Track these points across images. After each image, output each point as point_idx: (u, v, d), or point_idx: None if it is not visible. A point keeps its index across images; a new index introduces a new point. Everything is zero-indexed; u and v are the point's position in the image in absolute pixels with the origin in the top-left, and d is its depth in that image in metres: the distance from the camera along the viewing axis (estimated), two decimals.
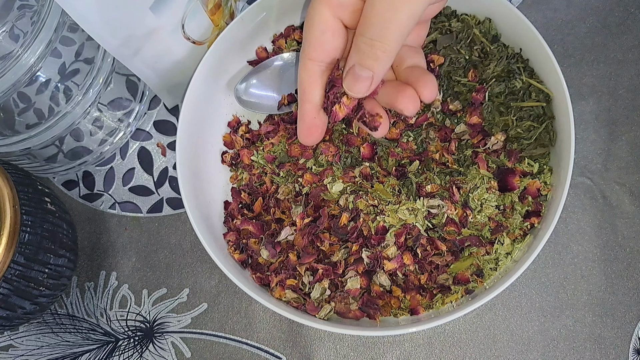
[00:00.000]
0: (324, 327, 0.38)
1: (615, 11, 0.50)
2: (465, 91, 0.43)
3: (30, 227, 0.39)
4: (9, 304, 0.40)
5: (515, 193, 0.41)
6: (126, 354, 0.48)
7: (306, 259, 0.41)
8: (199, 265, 0.49)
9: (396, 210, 0.41)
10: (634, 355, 0.44)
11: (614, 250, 0.46)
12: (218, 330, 0.47)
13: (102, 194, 0.52)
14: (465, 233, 0.41)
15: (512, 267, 0.39)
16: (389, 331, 0.38)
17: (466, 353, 0.45)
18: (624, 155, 0.47)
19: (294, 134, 0.46)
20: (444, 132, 0.43)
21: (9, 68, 0.39)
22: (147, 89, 0.53)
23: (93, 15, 0.37)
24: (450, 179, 0.42)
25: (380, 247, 0.40)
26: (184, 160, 0.43)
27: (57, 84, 0.51)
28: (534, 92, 0.41)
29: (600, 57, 0.49)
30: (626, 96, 0.48)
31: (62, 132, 0.45)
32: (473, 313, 0.46)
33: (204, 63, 0.44)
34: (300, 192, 0.44)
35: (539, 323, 0.45)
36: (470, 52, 0.43)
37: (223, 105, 0.48)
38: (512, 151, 0.41)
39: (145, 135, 0.53)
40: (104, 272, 0.50)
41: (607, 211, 0.46)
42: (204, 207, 0.44)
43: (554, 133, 0.41)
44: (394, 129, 0.43)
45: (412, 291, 0.40)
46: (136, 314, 0.49)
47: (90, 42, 0.50)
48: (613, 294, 0.45)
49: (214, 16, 0.46)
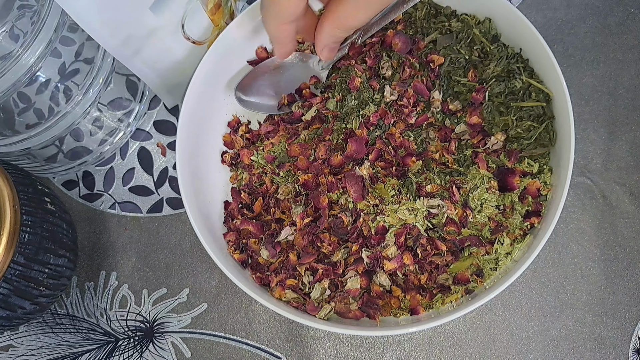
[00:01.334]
0: (324, 327, 0.38)
1: (615, 11, 0.50)
2: (465, 91, 0.43)
3: (30, 227, 0.39)
4: (9, 304, 0.40)
5: (515, 193, 0.41)
6: (126, 354, 0.48)
7: (306, 259, 0.41)
8: (199, 265, 0.49)
9: (396, 210, 0.41)
10: (634, 355, 0.44)
11: (614, 250, 0.46)
12: (218, 330, 0.47)
13: (102, 194, 0.52)
14: (465, 233, 0.41)
15: (512, 267, 0.39)
16: (389, 331, 0.38)
17: (466, 353, 0.45)
18: (624, 155, 0.47)
19: (294, 134, 0.46)
20: (444, 132, 0.43)
21: (9, 68, 0.39)
22: (147, 89, 0.53)
23: (93, 15, 0.37)
24: (450, 179, 0.42)
25: (380, 247, 0.40)
26: (184, 160, 0.43)
27: (57, 84, 0.51)
28: (534, 92, 0.41)
29: (600, 57, 0.49)
30: (626, 96, 0.48)
31: (62, 132, 0.45)
32: (473, 313, 0.46)
33: (204, 63, 0.44)
34: (300, 192, 0.44)
35: (539, 323, 0.45)
36: (470, 52, 0.43)
37: (223, 105, 0.48)
38: (512, 151, 0.41)
39: (145, 135, 0.53)
40: (104, 272, 0.50)
41: (607, 211, 0.46)
42: (203, 207, 0.44)
43: (554, 133, 0.41)
44: (393, 128, 0.43)
45: (412, 291, 0.40)
46: (136, 314, 0.49)
47: (90, 42, 0.50)
48: (613, 293, 0.45)
49: (214, 16, 0.46)
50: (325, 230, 0.42)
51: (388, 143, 0.43)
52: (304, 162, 0.44)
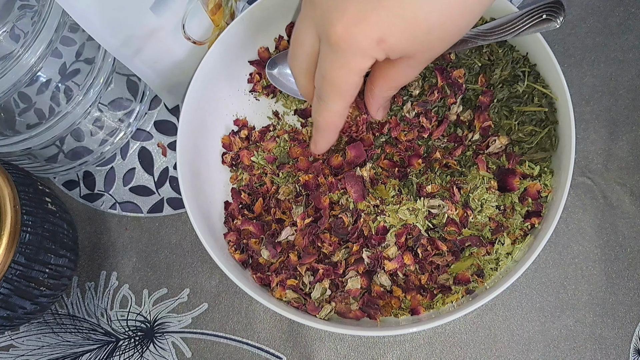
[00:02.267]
0: (325, 327, 0.38)
1: (615, 11, 0.50)
2: (474, 97, 0.43)
3: (30, 227, 0.39)
4: (9, 304, 0.40)
5: (516, 194, 0.41)
6: (127, 354, 0.48)
7: (307, 259, 0.41)
8: (200, 265, 0.49)
9: (397, 210, 0.41)
10: (635, 355, 0.44)
11: (614, 250, 0.46)
12: (218, 330, 0.47)
13: (102, 194, 0.52)
14: (465, 233, 0.41)
15: (512, 267, 0.39)
16: (390, 331, 0.38)
17: (467, 353, 0.45)
18: (625, 155, 0.47)
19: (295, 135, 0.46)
20: (453, 136, 0.43)
21: (10, 68, 0.39)
22: (147, 89, 0.53)
23: (93, 15, 0.37)
24: (450, 179, 0.42)
25: (381, 247, 0.40)
26: (184, 161, 0.43)
27: (58, 84, 0.51)
28: (537, 96, 0.41)
29: (600, 57, 0.49)
30: (627, 96, 0.48)
31: (63, 132, 0.45)
32: (474, 313, 0.46)
33: (205, 63, 0.44)
34: (301, 192, 0.44)
35: (539, 323, 0.45)
36: (480, 56, 0.43)
37: (224, 105, 0.48)
38: (511, 154, 0.41)
39: (146, 135, 0.53)
40: (104, 272, 0.50)
41: (608, 211, 0.46)
42: (204, 207, 0.44)
43: (556, 138, 0.41)
44: (402, 134, 0.43)
45: (412, 291, 0.40)
46: (137, 314, 0.49)
47: (91, 42, 0.50)
48: (614, 294, 0.45)
49: (215, 16, 0.46)
50: (326, 230, 0.42)
51: (395, 144, 0.43)
52: (305, 162, 0.44)
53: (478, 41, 0.40)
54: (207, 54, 0.44)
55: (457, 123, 0.43)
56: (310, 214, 0.42)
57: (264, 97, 0.50)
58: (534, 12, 0.38)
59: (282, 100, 0.49)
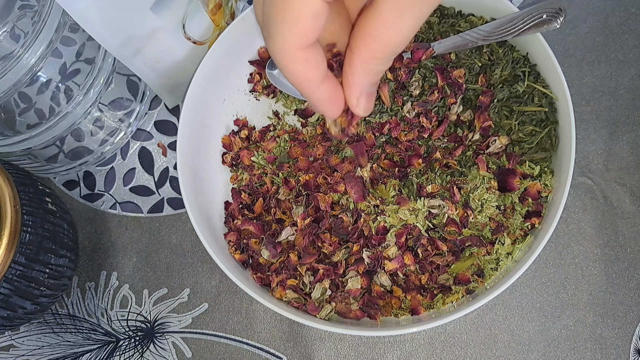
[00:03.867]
0: (325, 327, 0.38)
1: (616, 11, 0.50)
2: (474, 97, 0.43)
3: (31, 227, 0.39)
4: (9, 304, 0.40)
5: (516, 194, 0.41)
6: (127, 354, 0.48)
7: (307, 259, 0.41)
8: (200, 265, 0.49)
9: (397, 210, 0.41)
10: (635, 355, 0.44)
11: (614, 250, 0.46)
12: (219, 330, 0.47)
13: (102, 194, 0.52)
14: (465, 233, 0.41)
15: (512, 267, 0.39)
16: (390, 331, 0.38)
17: (467, 353, 0.45)
18: (625, 155, 0.47)
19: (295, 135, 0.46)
20: (453, 137, 0.43)
21: (10, 68, 0.39)
22: (147, 89, 0.53)
23: (94, 15, 0.37)
24: (450, 179, 0.42)
25: (381, 247, 0.40)
26: (184, 161, 0.43)
27: (58, 84, 0.51)
28: (537, 96, 0.41)
29: (601, 57, 0.49)
30: (627, 96, 0.48)
31: (63, 132, 0.45)
32: (474, 313, 0.46)
33: (205, 63, 0.44)
34: (301, 192, 0.44)
35: (539, 323, 0.45)
36: (480, 56, 0.43)
37: (224, 105, 0.48)
38: (511, 154, 0.41)
39: (146, 135, 0.53)
40: (104, 272, 0.50)
41: (608, 211, 0.46)
42: (204, 207, 0.44)
43: (556, 138, 0.41)
44: (402, 134, 0.43)
45: (412, 291, 0.40)
46: (137, 314, 0.49)
47: (91, 42, 0.50)
48: (614, 294, 0.45)
49: (215, 16, 0.46)
50: (326, 230, 0.42)
51: (395, 144, 0.43)
52: (305, 162, 0.44)
53: (478, 41, 0.40)
54: (207, 54, 0.44)
55: (458, 123, 0.43)
56: (310, 214, 0.42)
57: (264, 97, 0.50)
58: (534, 12, 0.38)
59: (282, 100, 0.49)
